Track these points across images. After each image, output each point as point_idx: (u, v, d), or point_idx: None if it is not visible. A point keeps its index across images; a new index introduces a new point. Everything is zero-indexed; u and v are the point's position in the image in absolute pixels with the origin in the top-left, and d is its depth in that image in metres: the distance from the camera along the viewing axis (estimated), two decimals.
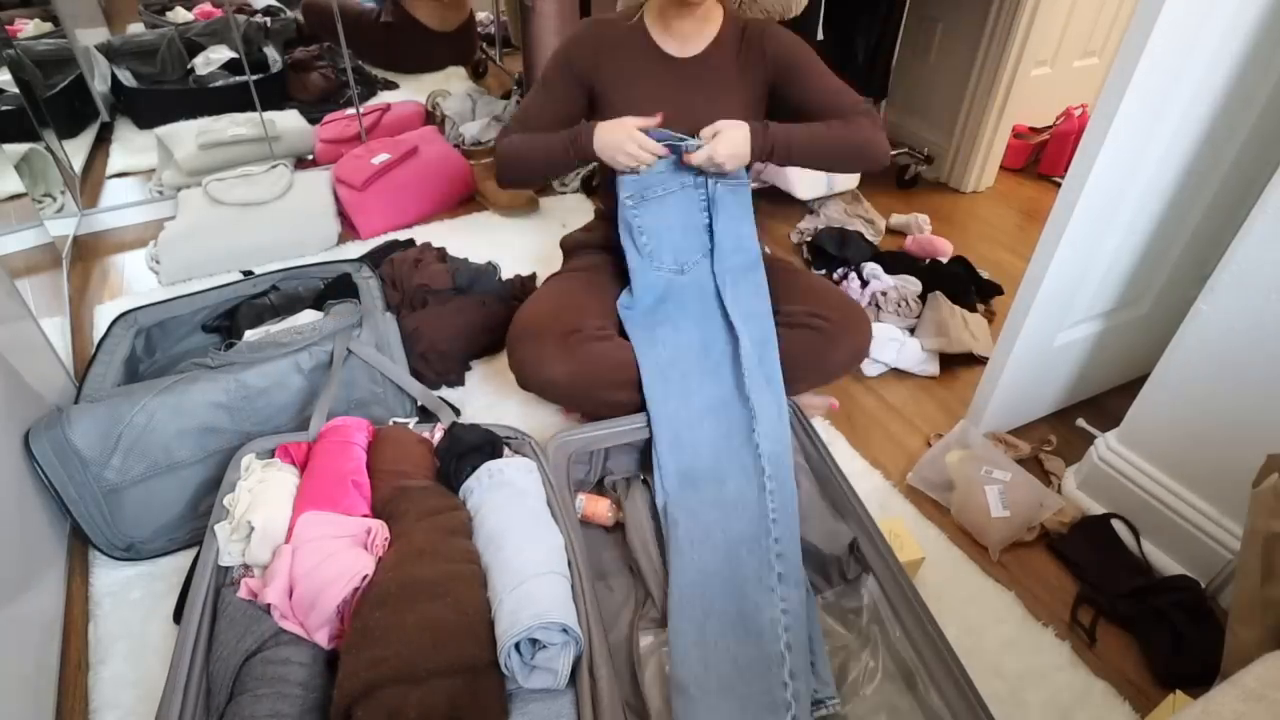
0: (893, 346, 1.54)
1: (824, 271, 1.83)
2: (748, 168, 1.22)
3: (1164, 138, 1.04)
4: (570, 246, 1.45)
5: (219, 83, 2.60)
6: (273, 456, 1.07)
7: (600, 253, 1.37)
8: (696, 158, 1.15)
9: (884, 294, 1.66)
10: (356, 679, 0.75)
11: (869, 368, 1.53)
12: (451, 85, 2.92)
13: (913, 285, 1.68)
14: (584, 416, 1.32)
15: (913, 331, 1.61)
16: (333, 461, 1.02)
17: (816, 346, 1.20)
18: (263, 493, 0.97)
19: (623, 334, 1.25)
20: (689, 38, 1.23)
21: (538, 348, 1.15)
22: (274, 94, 2.58)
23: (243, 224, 1.84)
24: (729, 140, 1.14)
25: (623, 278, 1.30)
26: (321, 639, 0.85)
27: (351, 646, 0.79)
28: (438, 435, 1.12)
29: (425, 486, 1.02)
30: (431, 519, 0.95)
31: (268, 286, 1.46)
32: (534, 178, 1.32)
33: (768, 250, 1.49)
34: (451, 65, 3.21)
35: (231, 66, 2.67)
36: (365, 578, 0.86)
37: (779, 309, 1.25)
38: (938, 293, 1.63)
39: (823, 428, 1.39)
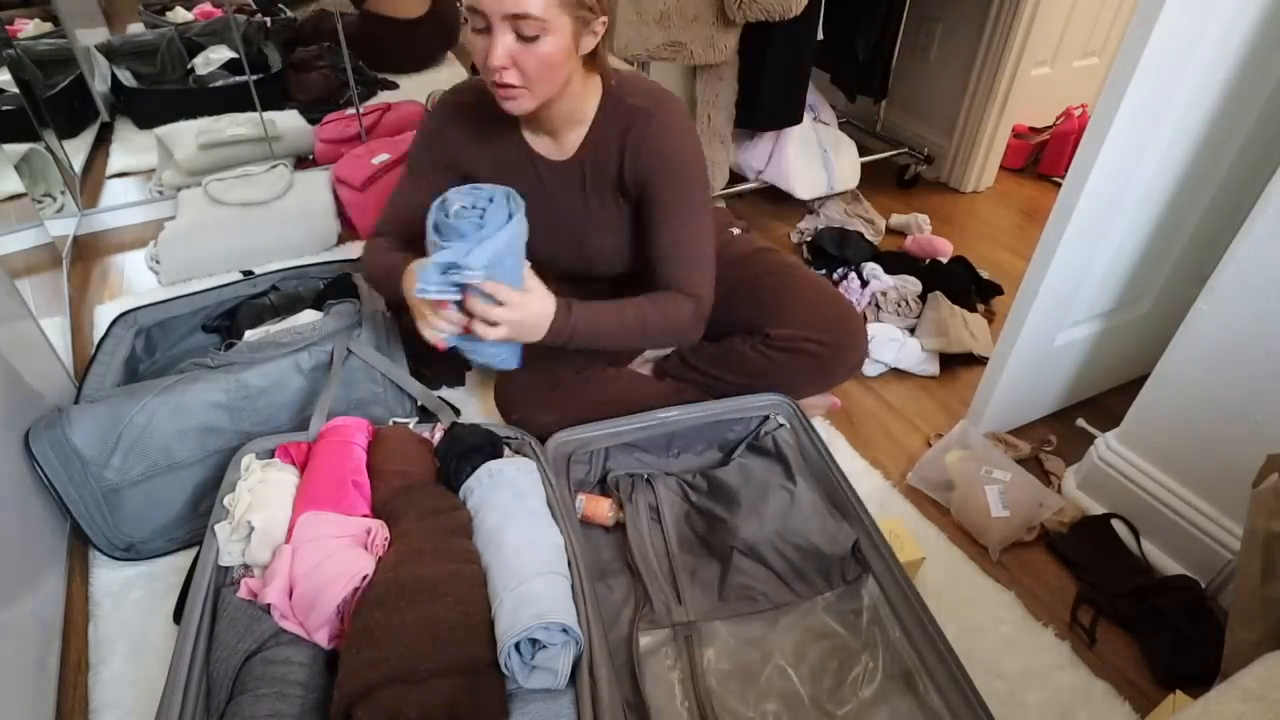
0: (893, 346, 1.54)
1: (824, 271, 1.83)
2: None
3: (1164, 137, 1.04)
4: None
5: (219, 83, 2.60)
6: (273, 456, 1.07)
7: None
8: (475, 308, 0.93)
9: (884, 294, 1.66)
10: (357, 679, 0.75)
11: (869, 368, 1.53)
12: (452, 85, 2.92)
13: (913, 285, 1.68)
14: None
15: (913, 331, 1.61)
16: (333, 461, 1.02)
17: (814, 370, 1.23)
18: (263, 493, 0.97)
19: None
20: (558, 136, 1.08)
21: (524, 409, 1.21)
22: (274, 94, 2.57)
23: (242, 224, 1.83)
24: (521, 315, 0.95)
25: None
26: (321, 639, 0.85)
27: (351, 646, 0.79)
28: (438, 435, 1.12)
29: (425, 486, 1.02)
30: (432, 519, 0.95)
31: (268, 286, 1.46)
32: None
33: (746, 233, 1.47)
34: (439, 52, 3.18)
35: (231, 66, 2.67)
36: (365, 578, 0.86)
37: (769, 333, 1.21)
38: (938, 293, 1.63)
39: (823, 428, 1.38)
